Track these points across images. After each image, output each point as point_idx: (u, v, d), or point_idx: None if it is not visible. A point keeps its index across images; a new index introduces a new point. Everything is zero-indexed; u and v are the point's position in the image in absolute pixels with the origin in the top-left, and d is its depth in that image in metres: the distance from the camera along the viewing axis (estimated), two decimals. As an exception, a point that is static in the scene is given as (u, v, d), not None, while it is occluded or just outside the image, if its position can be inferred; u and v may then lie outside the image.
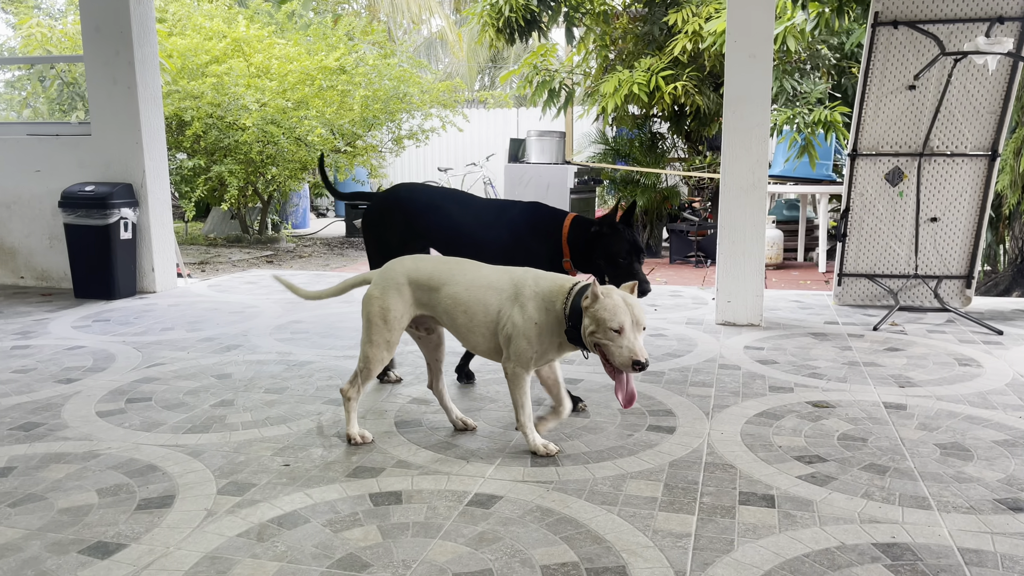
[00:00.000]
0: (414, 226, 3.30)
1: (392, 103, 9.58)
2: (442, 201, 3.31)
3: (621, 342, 2.33)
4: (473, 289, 2.61)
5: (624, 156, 9.08)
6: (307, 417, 3.05)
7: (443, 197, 3.34)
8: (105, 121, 5.52)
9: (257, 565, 1.97)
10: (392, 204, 3.37)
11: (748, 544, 2.07)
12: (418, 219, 3.29)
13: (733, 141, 4.49)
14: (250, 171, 8.88)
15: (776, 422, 2.99)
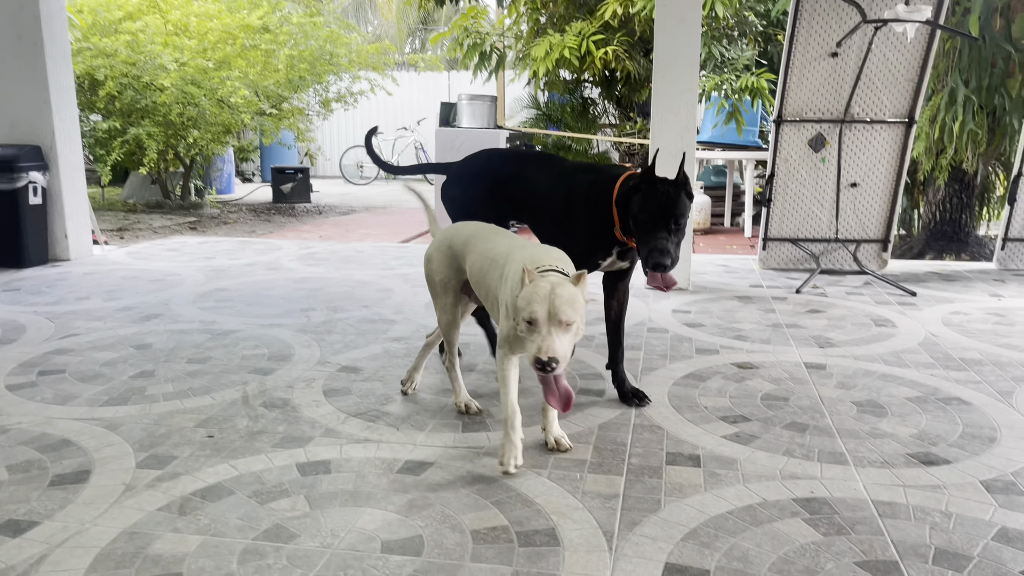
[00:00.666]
0: (495, 194, 3.03)
1: (319, 64, 9.32)
2: (524, 166, 3.03)
3: (531, 336, 2.06)
4: (482, 260, 2.46)
5: (556, 121, 9.07)
6: (232, 387, 2.97)
7: (528, 161, 3.05)
8: (9, 79, 5.21)
9: (179, 539, 1.92)
10: (474, 171, 3.13)
11: (675, 503, 2.11)
12: (498, 186, 3.03)
13: (662, 106, 4.51)
14: (170, 134, 8.54)
15: (702, 383, 3.05)
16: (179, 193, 9.79)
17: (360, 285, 4.77)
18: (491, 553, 1.87)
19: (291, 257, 5.79)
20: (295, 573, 1.79)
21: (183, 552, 1.87)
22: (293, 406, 2.78)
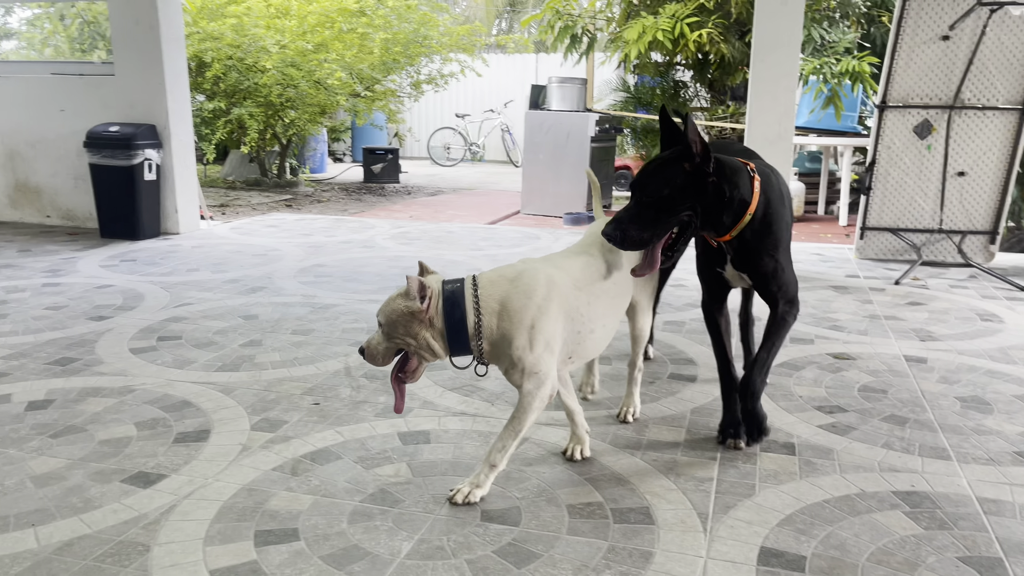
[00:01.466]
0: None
1: (412, 47, 9.47)
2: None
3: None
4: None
5: (646, 104, 8.98)
6: (334, 358, 3.11)
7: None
8: (128, 61, 5.51)
9: (292, 498, 2.05)
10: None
11: (769, 489, 2.12)
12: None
13: (760, 91, 4.44)
14: (269, 114, 8.85)
15: (797, 372, 3.02)
16: (275, 171, 10.14)
17: (451, 264, 4.87)
18: (587, 527, 1.93)
19: (384, 236, 5.95)
20: (401, 535, 1.88)
21: (297, 510, 1.99)
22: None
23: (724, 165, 2.10)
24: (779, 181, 2.29)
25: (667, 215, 2.05)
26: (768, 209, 2.17)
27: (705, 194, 2.07)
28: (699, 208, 2.08)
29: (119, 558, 1.77)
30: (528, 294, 1.94)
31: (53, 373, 2.91)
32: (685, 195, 2.05)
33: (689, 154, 2.03)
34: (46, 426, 2.46)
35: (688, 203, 2.06)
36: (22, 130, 5.94)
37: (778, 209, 2.20)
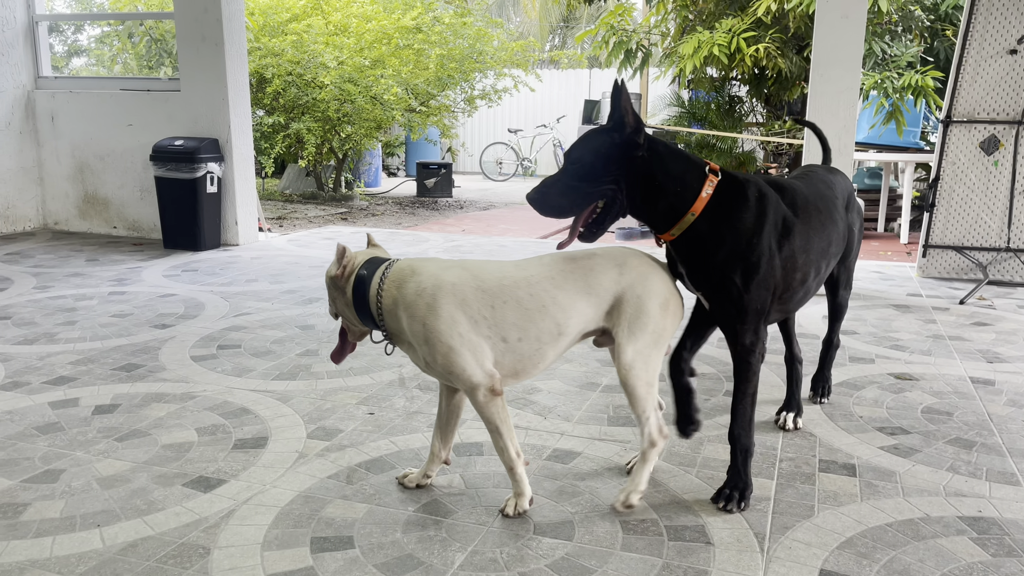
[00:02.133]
0: None
1: (467, 63, 9.57)
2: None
3: None
4: None
5: (700, 120, 8.91)
6: (388, 369, 3.14)
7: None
8: (193, 77, 5.68)
9: (348, 506, 2.07)
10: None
11: (829, 511, 2.07)
12: None
13: (819, 105, 4.37)
14: (327, 129, 9.02)
15: (857, 392, 2.95)
16: (331, 185, 10.32)
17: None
18: (641, 544, 1.91)
19: (438, 249, 6.01)
20: (454, 546, 1.89)
21: (352, 518, 2.01)
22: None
23: (661, 147, 1.98)
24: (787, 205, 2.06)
25: (588, 184, 1.95)
26: (736, 223, 1.97)
27: (632, 171, 1.95)
28: (623, 184, 1.96)
29: (180, 560, 1.81)
30: (418, 292, 1.93)
31: (119, 379, 3.00)
32: (608, 166, 1.93)
33: (620, 124, 1.93)
34: (112, 429, 2.53)
35: (611, 175, 1.94)
36: (92, 144, 6.17)
37: (759, 231, 1.98)
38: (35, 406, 2.72)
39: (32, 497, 2.10)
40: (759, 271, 1.97)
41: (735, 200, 1.99)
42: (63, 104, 6.20)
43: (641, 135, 1.93)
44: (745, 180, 2.04)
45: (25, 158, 6.28)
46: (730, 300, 2.00)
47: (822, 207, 2.19)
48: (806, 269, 2.10)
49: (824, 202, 2.22)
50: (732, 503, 2.05)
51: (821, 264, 2.18)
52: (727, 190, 2.00)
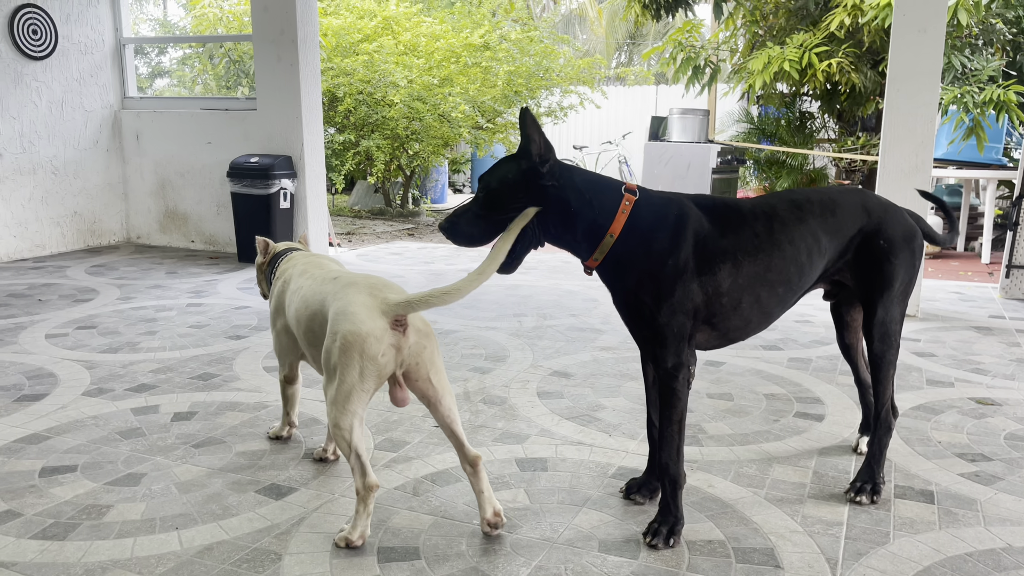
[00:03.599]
0: None
1: (533, 80, 9.64)
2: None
3: None
4: None
5: (770, 136, 8.77)
6: (454, 383, 3.17)
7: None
8: (269, 97, 5.87)
9: (414, 517, 2.09)
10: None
11: (905, 538, 2.01)
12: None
13: (895, 122, 4.26)
14: (396, 146, 9.19)
15: (935, 417, 2.85)
16: (399, 201, 10.49)
17: (567, 295, 4.89)
18: (707, 565, 1.88)
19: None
20: (518, 560, 1.89)
21: (418, 529, 2.03)
22: (510, 405, 2.92)
23: (573, 172, 1.94)
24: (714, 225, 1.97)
25: (497, 214, 1.91)
26: (650, 243, 1.90)
27: (544, 199, 1.90)
28: (549, 214, 1.91)
29: (253, 564, 1.86)
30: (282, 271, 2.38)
31: (196, 387, 3.10)
32: (516, 195, 1.89)
33: (526, 152, 1.89)
34: (189, 436, 2.62)
35: (519, 204, 1.90)
36: (173, 161, 6.42)
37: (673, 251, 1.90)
38: (118, 412, 2.83)
39: (115, 499, 2.18)
40: (673, 294, 1.90)
41: (651, 219, 1.93)
42: (147, 123, 6.47)
43: (548, 163, 1.89)
44: (666, 199, 1.98)
45: (111, 175, 6.57)
46: (645, 322, 1.94)
47: (765, 231, 2.00)
48: (736, 295, 1.96)
49: (776, 225, 2.02)
50: (659, 538, 1.95)
51: (761, 292, 1.99)
52: (644, 209, 1.94)
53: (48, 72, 6.04)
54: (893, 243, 2.14)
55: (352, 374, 1.81)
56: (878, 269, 2.14)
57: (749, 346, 3.72)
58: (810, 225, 2.06)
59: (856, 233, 2.13)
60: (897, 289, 2.17)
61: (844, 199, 2.16)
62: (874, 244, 2.13)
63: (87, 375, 3.22)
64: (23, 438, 2.59)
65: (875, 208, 2.16)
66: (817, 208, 2.10)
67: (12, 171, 5.83)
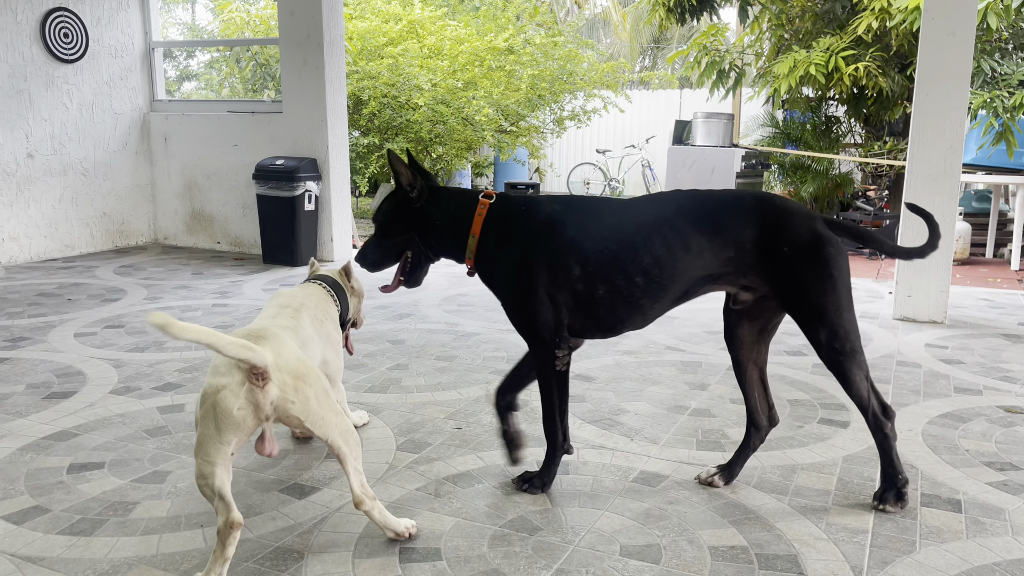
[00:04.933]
0: None
1: (557, 83, 9.65)
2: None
3: None
4: None
5: (795, 140, 8.71)
6: (475, 385, 3.18)
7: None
8: (295, 100, 5.92)
9: (435, 518, 2.10)
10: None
11: (931, 547, 1.98)
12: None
13: (924, 126, 4.21)
14: (419, 149, 9.23)
15: (962, 425, 2.81)
16: (422, 204, 10.54)
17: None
18: (730, 571, 1.87)
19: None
20: (540, 563, 1.89)
21: (440, 530, 2.04)
22: (532, 408, 2.92)
23: (440, 192, 2.25)
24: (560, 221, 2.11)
25: (388, 240, 2.27)
26: (502, 240, 2.15)
27: (419, 221, 2.23)
28: (415, 234, 2.25)
29: (276, 563, 1.88)
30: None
31: (221, 386, 3.13)
32: (398, 222, 2.25)
33: (398, 186, 2.23)
34: (214, 435, 2.65)
35: (402, 229, 2.25)
36: (200, 163, 6.50)
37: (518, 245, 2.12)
38: (145, 410, 2.87)
39: (141, 496, 2.21)
40: (523, 283, 2.11)
41: (504, 218, 2.17)
42: (175, 126, 6.56)
43: (415, 189, 2.21)
44: (521, 199, 2.21)
45: (140, 177, 6.66)
46: (509, 310, 2.19)
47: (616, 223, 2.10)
48: (590, 283, 2.08)
49: (627, 218, 2.12)
50: (530, 486, 2.25)
51: (617, 281, 2.07)
52: (498, 210, 2.19)
53: (79, 75, 6.13)
54: (798, 250, 2.05)
55: (208, 426, 1.76)
56: (789, 278, 2.07)
57: (773, 352, 3.68)
58: (674, 221, 2.09)
59: (749, 238, 2.07)
60: (823, 300, 2.05)
61: (734, 201, 2.13)
62: (777, 252, 2.06)
63: (115, 373, 3.27)
64: (52, 435, 2.63)
65: (770, 213, 2.08)
66: (691, 205, 2.12)
67: (43, 172, 5.93)
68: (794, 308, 2.12)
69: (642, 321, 2.17)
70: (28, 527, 2.04)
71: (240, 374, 1.75)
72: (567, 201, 2.19)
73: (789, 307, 2.13)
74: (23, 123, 5.78)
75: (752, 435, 2.34)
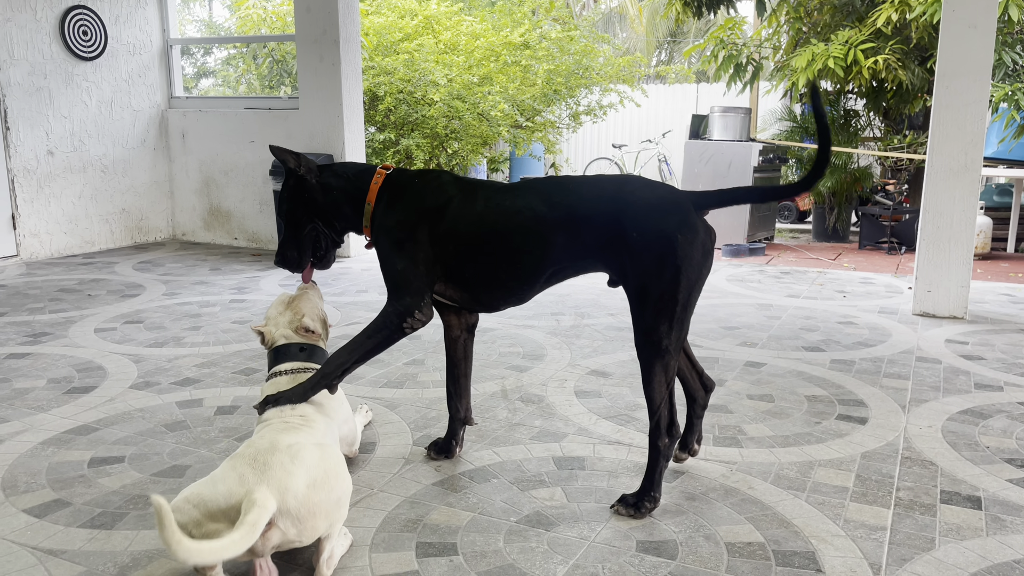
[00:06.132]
0: None
1: (573, 78, 9.62)
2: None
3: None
4: None
5: (813, 134, 8.63)
6: (491, 380, 3.18)
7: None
8: (311, 96, 5.94)
9: (452, 513, 2.11)
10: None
11: (951, 544, 1.96)
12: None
13: (944, 119, 4.17)
14: (435, 145, 9.24)
15: (983, 421, 2.78)
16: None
17: (605, 294, 4.86)
18: (747, 567, 1.86)
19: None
20: (556, 558, 1.89)
21: (456, 525, 2.05)
22: (548, 403, 2.92)
23: (333, 166, 2.29)
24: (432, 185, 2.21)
25: (299, 230, 2.29)
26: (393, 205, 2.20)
27: (319, 193, 2.25)
28: (317, 217, 2.27)
29: (293, 556, 1.89)
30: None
31: (239, 382, 3.16)
32: (300, 204, 2.26)
33: (288, 170, 2.25)
34: (232, 430, 2.67)
35: (308, 210, 2.27)
36: (217, 160, 6.54)
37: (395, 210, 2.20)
38: (164, 405, 2.89)
39: (161, 490, 2.23)
40: (396, 245, 2.17)
41: (398, 188, 2.23)
42: (193, 122, 6.60)
43: (304, 167, 2.24)
44: (417, 172, 2.26)
45: (158, 173, 6.71)
46: (381, 267, 2.22)
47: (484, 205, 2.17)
48: (461, 261, 2.17)
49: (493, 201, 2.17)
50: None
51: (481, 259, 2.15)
52: (394, 180, 2.25)
53: (98, 72, 6.18)
54: (645, 236, 2.01)
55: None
56: (631, 262, 2.04)
57: (790, 347, 3.67)
58: (533, 204, 2.13)
59: (606, 222, 2.06)
60: (661, 288, 2.01)
61: (594, 185, 2.14)
62: (628, 236, 2.03)
63: (134, 368, 3.30)
64: (73, 429, 2.66)
65: (627, 196, 2.07)
66: (551, 190, 2.15)
67: (63, 169, 5.99)
68: (634, 292, 2.06)
69: (517, 300, 2.24)
70: (50, 520, 2.07)
71: (236, 515, 1.61)
72: (461, 180, 2.25)
73: (628, 291, 2.09)
74: (43, 120, 5.83)
75: (694, 405, 2.37)
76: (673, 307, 2.02)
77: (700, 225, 2.06)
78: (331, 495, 1.75)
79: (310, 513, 1.70)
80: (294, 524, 1.68)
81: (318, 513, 1.72)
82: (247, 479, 1.66)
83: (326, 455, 1.80)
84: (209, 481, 1.70)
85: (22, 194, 5.73)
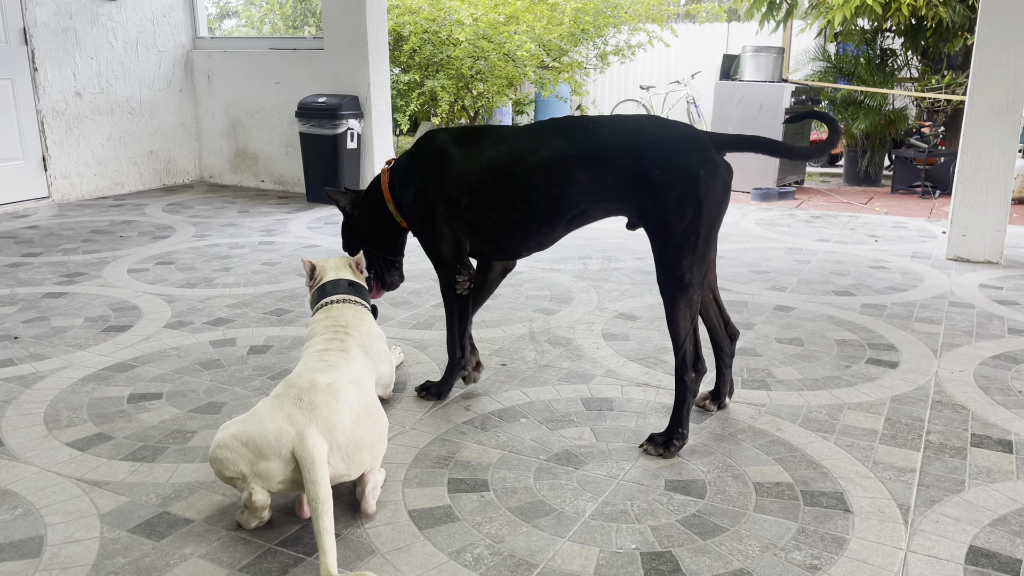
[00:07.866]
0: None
1: (601, 17, 9.41)
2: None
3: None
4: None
5: (848, 75, 8.40)
6: (519, 323, 3.20)
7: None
8: (336, 36, 5.87)
9: (482, 451, 2.14)
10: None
11: (981, 487, 1.97)
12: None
13: (986, 57, 4.03)
14: (460, 86, 9.12)
15: (1016, 366, 2.76)
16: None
17: (633, 238, 4.83)
18: (775, 507, 1.88)
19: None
20: (585, 496, 1.92)
21: (487, 462, 2.08)
22: (576, 346, 2.94)
23: (364, 194, 2.50)
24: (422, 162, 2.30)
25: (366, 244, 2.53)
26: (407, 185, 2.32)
27: (364, 226, 2.50)
28: (371, 236, 2.50)
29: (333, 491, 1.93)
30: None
31: (270, 322, 3.20)
32: (356, 237, 2.54)
33: (343, 212, 2.53)
34: (265, 368, 2.72)
35: (361, 239, 2.53)
36: (243, 101, 6.51)
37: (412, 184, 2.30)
38: (198, 344, 2.95)
39: (198, 426, 2.29)
40: (418, 215, 2.31)
41: (401, 172, 2.35)
42: (218, 64, 6.56)
43: (352, 206, 2.51)
44: (408, 151, 2.37)
45: (184, 115, 6.71)
46: (426, 249, 2.36)
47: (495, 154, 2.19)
48: (478, 212, 2.22)
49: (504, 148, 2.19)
50: (428, 393, 2.46)
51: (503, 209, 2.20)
52: (396, 168, 2.39)
53: (123, 12, 6.14)
54: (668, 173, 2.01)
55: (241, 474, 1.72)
56: (653, 200, 2.03)
57: (820, 291, 3.64)
58: (552, 142, 2.13)
59: (627, 160, 2.05)
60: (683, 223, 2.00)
61: (614, 125, 2.13)
62: (650, 174, 2.02)
63: (168, 308, 3.35)
64: (111, 366, 2.72)
65: (647, 136, 2.06)
66: (571, 130, 2.15)
67: (91, 111, 6.00)
68: (655, 230, 2.07)
69: (538, 245, 2.29)
70: (92, 453, 2.13)
71: (288, 453, 1.68)
72: (457, 133, 2.29)
73: (649, 229, 2.09)
74: (70, 61, 5.83)
75: (721, 354, 2.39)
76: (695, 242, 2.02)
77: (720, 161, 2.07)
78: (374, 429, 1.80)
79: (357, 447, 1.75)
80: (343, 459, 1.73)
81: (363, 447, 1.77)
82: (296, 418, 1.71)
83: (364, 392, 1.85)
84: (255, 419, 1.74)
85: (52, 136, 5.76)
